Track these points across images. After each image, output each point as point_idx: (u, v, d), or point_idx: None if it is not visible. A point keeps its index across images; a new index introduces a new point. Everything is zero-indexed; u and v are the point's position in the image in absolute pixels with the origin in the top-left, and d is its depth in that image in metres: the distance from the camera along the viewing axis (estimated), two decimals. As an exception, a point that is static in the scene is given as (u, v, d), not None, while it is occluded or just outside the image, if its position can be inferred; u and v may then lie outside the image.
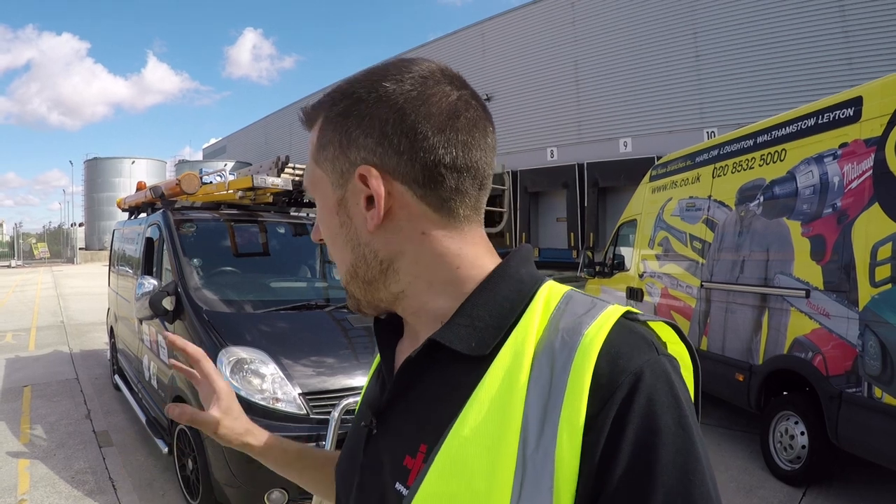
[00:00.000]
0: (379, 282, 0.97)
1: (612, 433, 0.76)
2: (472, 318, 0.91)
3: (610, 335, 0.81)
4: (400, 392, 0.98)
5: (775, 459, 6.37)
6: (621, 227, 10.92)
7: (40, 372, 11.06)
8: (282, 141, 54.49)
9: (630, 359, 0.79)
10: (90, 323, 16.89)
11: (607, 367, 0.78)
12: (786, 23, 22.14)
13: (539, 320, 0.88)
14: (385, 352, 1.09)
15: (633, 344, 0.82)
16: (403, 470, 0.90)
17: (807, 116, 6.23)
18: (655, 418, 0.76)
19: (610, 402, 0.77)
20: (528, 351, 0.84)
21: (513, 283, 0.95)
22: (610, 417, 0.76)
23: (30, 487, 6.03)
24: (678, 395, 0.79)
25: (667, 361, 0.82)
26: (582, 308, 0.87)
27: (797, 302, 6.05)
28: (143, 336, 7.03)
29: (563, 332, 0.84)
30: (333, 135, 0.95)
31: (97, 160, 65.62)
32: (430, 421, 0.89)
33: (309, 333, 5.60)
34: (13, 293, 26.94)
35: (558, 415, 0.77)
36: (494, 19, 34.97)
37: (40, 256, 57.78)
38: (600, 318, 0.84)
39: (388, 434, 0.98)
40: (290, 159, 7.14)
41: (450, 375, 0.91)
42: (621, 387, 0.77)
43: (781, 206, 6.39)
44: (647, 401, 0.76)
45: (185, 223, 6.69)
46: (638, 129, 27.02)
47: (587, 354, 0.79)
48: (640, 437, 0.75)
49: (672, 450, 0.75)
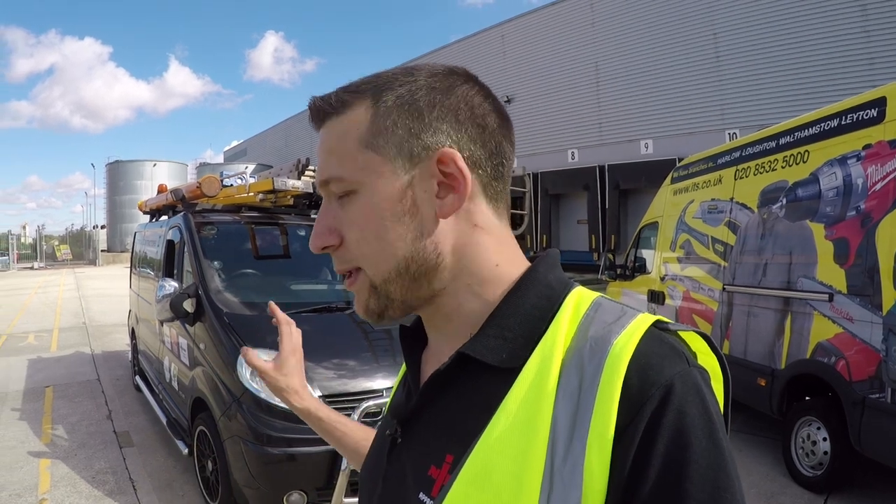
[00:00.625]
0: (427, 277, 0.93)
1: (642, 446, 0.74)
2: (501, 329, 0.90)
3: (640, 345, 0.80)
4: (426, 402, 0.97)
5: (797, 465, 6.30)
6: (643, 230, 10.87)
7: (62, 373, 11.19)
8: (302, 143, 54.75)
9: (661, 370, 0.78)
10: (112, 324, 17.03)
11: (637, 378, 0.77)
12: (806, 23, 22.01)
13: (567, 328, 0.87)
14: (410, 360, 1.08)
15: (663, 355, 0.80)
16: (428, 480, 0.89)
17: (830, 117, 6.16)
18: (686, 432, 0.74)
19: (640, 414, 0.75)
20: (556, 360, 0.83)
21: (542, 289, 0.94)
22: (640, 430, 0.75)
23: (51, 487, 6.10)
24: (709, 408, 0.77)
25: (697, 373, 0.81)
26: (612, 316, 0.86)
27: (820, 306, 5.98)
28: (164, 338, 7.08)
29: (592, 340, 0.82)
30: (399, 118, 0.91)
31: (119, 163, 66.14)
32: (456, 431, 0.89)
33: (329, 336, 5.60)
34: (36, 294, 27.30)
35: (588, 426, 0.76)
36: (514, 21, 34.97)
37: (62, 258, 58.44)
38: (630, 327, 0.83)
39: (413, 443, 0.97)
40: (311, 162, 7.15)
41: (479, 387, 0.90)
42: (651, 399, 0.76)
43: (804, 208, 6.32)
44: (677, 414, 0.75)
45: (205, 226, 6.73)
46: (659, 131, 26.94)
47: (617, 365, 0.78)
48: (671, 451, 0.74)
49: (703, 464, 0.73)
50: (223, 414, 5.02)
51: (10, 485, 6.13)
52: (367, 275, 0.94)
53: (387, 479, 1.00)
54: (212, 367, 5.41)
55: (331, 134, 0.94)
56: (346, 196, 0.93)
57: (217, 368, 5.31)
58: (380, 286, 0.94)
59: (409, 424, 0.99)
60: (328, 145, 0.94)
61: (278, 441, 4.64)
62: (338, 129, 0.93)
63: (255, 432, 4.69)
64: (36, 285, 32.42)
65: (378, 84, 0.93)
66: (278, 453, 4.63)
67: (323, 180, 0.94)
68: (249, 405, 4.83)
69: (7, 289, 30.71)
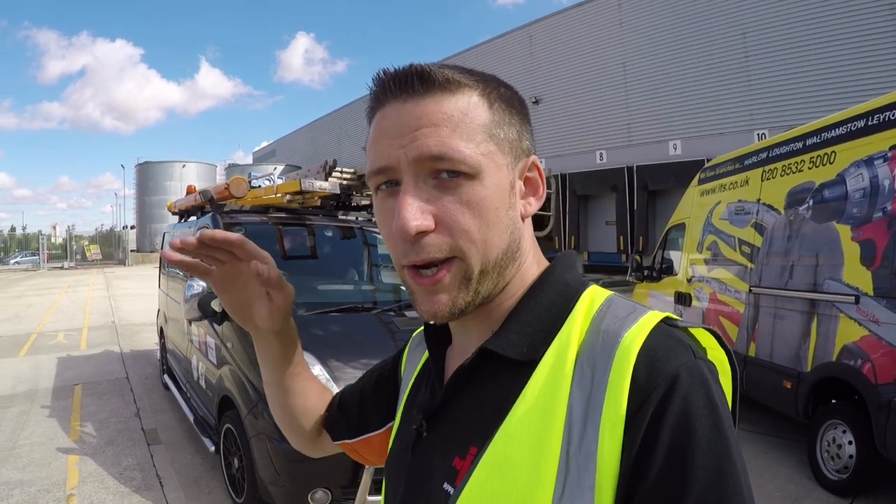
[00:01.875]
0: (509, 272, 0.96)
1: (648, 433, 0.77)
2: (522, 325, 0.94)
3: (649, 338, 0.83)
4: (451, 397, 1.01)
5: (822, 469, 6.24)
6: (670, 231, 10.80)
7: (91, 371, 11.33)
8: (330, 145, 55.00)
9: (667, 361, 0.81)
10: (140, 324, 17.19)
11: (645, 368, 0.80)
12: (835, 22, 21.77)
13: (581, 322, 0.91)
14: (435, 356, 1.11)
15: (670, 347, 0.83)
16: (452, 471, 0.93)
17: (856, 118, 6.10)
18: (691, 419, 0.77)
19: (647, 402, 0.78)
20: (571, 352, 0.87)
21: (559, 287, 0.98)
22: (647, 417, 0.78)
23: (79, 482, 6.19)
24: (714, 398, 0.80)
25: (704, 365, 0.83)
26: (623, 311, 0.90)
27: (846, 308, 5.93)
28: (192, 337, 7.16)
29: (605, 333, 0.86)
30: (509, 117, 0.94)
31: (148, 164, 66.63)
32: (479, 424, 0.92)
33: (356, 336, 5.64)
34: (65, 294, 27.63)
35: (600, 414, 0.80)
36: (542, 21, 34.85)
37: (92, 258, 58.99)
38: (641, 322, 0.86)
39: (439, 436, 1.00)
40: (338, 163, 7.18)
41: (501, 381, 0.93)
42: (658, 388, 0.79)
43: (831, 209, 6.26)
44: (682, 402, 0.78)
45: (233, 226, 6.76)
46: (687, 132, 26.75)
47: (627, 355, 0.81)
48: (676, 438, 0.76)
49: (707, 451, 0.76)
50: (249, 412, 5.07)
51: (39, 480, 6.22)
52: (467, 265, 0.90)
53: (412, 472, 1.04)
54: (239, 365, 5.46)
55: (446, 108, 0.89)
56: (458, 177, 0.88)
57: (244, 367, 5.36)
58: (475, 279, 0.91)
59: (434, 419, 1.02)
60: (445, 120, 0.88)
61: (303, 439, 4.67)
62: (457, 106, 0.90)
63: (280, 430, 4.73)
64: (66, 285, 32.81)
65: (477, 78, 0.94)
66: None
67: (436, 156, 0.87)
68: (275, 404, 4.87)
69: (37, 288, 31.18)
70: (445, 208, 0.88)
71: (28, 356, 12.84)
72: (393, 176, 0.91)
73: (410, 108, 0.89)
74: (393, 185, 0.92)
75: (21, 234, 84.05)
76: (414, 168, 0.88)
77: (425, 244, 0.88)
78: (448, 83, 0.90)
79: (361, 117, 1.02)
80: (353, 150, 44.83)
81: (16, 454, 6.95)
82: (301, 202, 7.33)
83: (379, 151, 0.92)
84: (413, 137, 0.88)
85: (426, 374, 1.17)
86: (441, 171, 0.88)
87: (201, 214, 7.91)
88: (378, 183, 0.95)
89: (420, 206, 0.88)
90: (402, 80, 0.90)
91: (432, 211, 0.88)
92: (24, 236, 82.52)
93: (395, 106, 0.91)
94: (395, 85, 0.91)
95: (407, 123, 0.89)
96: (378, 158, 0.92)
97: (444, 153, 0.87)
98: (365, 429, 1.38)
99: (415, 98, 0.89)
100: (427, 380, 1.15)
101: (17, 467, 6.56)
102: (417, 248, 0.89)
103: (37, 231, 55.66)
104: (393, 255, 0.94)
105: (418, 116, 0.88)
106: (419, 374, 1.22)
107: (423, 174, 0.89)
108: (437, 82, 0.89)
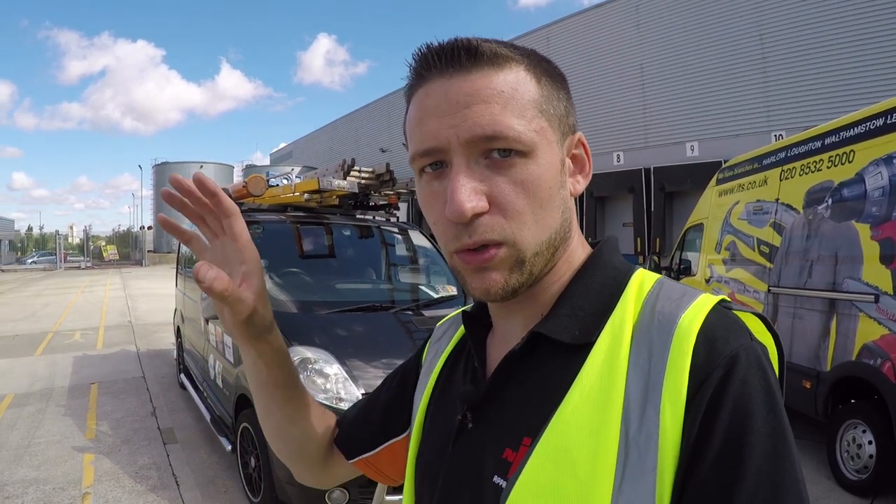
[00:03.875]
0: (559, 252, 0.94)
1: (709, 412, 0.76)
2: (573, 308, 0.92)
3: (707, 319, 0.82)
4: (499, 385, 0.96)
5: (842, 469, 6.20)
6: (688, 232, 10.79)
7: (107, 370, 11.40)
8: (347, 146, 55.00)
9: (727, 342, 0.80)
10: (157, 323, 17.28)
11: (704, 349, 0.79)
12: (852, 23, 21.59)
13: (634, 304, 0.89)
14: (476, 345, 1.07)
15: (729, 328, 0.82)
16: (503, 463, 0.89)
17: (875, 116, 6.06)
18: (749, 401, 0.77)
19: (706, 383, 0.77)
20: (626, 335, 0.85)
21: (608, 271, 0.97)
22: (706, 398, 0.77)
23: (94, 481, 6.22)
24: (769, 380, 0.80)
25: (759, 347, 0.83)
26: (676, 293, 0.89)
27: (866, 307, 5.90)
28: (209, 336, 7.18)
29: (660, 314, 0.85)
30: (556, 92, 0.93)
31: (166, 164, 67.01)
32: (532, 414, 0.88)
33: (374, 334, 5.63)
34: (82, 293, 27.88)
35: (660, 395, 0.78)
36: (559, 23, 34.81)
37: (109, 258, 59.50)
38: (697, 303, 0.85)
39: (487, 427, 0.96)
40: (356, 163, 7.19)
41: (553, 367, 0.90)
42: (717, 368, 0.78)
43: (850, 208, 6.23)
44: (741, 384, 0.77)
45: (251, 225, 6.78)
46: (705, 133, 26.60)
47: (687, 336, 0.80)
48: (735, 418, 0.76)
49: (764, 433, 0.76)
50: (267, 410, 5.07)
51: (55, 478, 6.25)
52: (520, 248, 0.87)
53: (454, 466, 0.98)
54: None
55: (496, 84, 0.86)
56: (511, 156, 0.85)
57: (262, 365, 5.35)
58: (529, 259, 0.88)
59: (480, 409, 0.98)
60: (496, 96, 0.85)
61: (320, 437, 4.67)
62: (507, 81, 0.86)
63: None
64: (82, 284, 33.09)
65: (521, 52, 0.91)
66: (320, 450, 4.65)
67: (489, 135, 0.84)
68: (293, 402, 4.87)
69: (54, 287, 31.46)
70: (499, 189, 0.85)
71: (44, 355, 12.94)
72: (441, 157, 0.88)
73: (458, 83, 0.86)
74: (438, 167, 0.89)
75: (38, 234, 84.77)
76: (466, 149, 0.85)
77: (478, 225, 0.85)
78: (496, 57, 0.87)
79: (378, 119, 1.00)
80: (371, 151, 44.83)
81: (31, 452, 6.98)
82: (319, 201, 7.35)
83: (425, 131, 0.88)
84: (464, 116, 0.84)
85: (455, 365, 1.13)
86: (493, 150, 0.85)
87: (219, 213, 7.93)
88: (423, 165, 0.91)
89: (474, 188, 0.84)
90: (448, 55, 0.87)
91: (486, 192, 0.85)
92: (42, 236, 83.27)
93: (441, 82, 0.87)
94: (439, 60, 0.87)
95: (455, 100, 0.85)
96: (425, 139, 0.88)
97: (498, 132, 0.83)
98: (389, 433, 1.28)
99: (462, 73, 0.86)
100: (463, 370, 1.11)
101: (33, 465, 6.59)
102: (471, 230, 0.85)
103: (54, 231, 56.14)
104: (443, 240, 0.91)
105: (467, 93, 0.85)
106: (444, 365, 1.17)
107: (476, 154, 0.86)
108: (485, 56, 0.86)
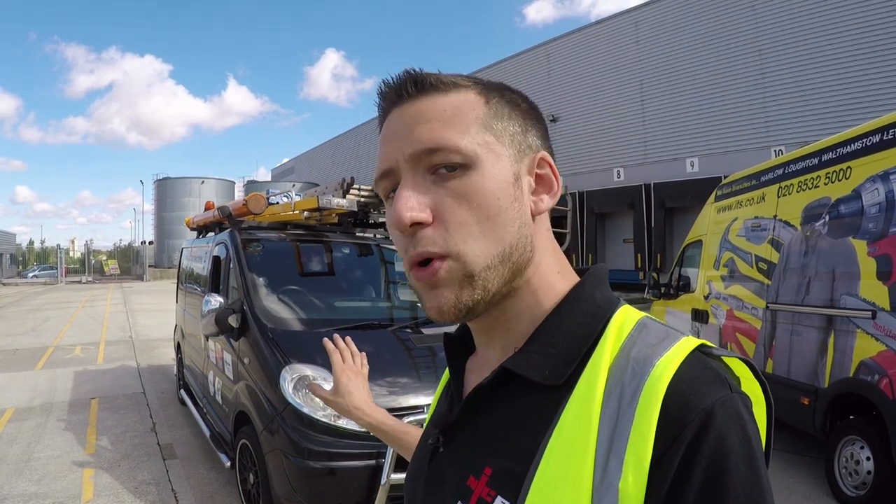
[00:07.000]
0: (519, 270, 0.92)
1: (680, 472, 0.73)
2: (545, 346, 0.90)
3: (681, 368, 0.78)
4: (468, 414, 0.97)
5: (840, 485, 6.19)
6: (687, 248, 10.79)
7: (108, 385, 11.41)
8: (348, 162, 55.22)
9: (702, 395, 0.76)
10: (158, 339, 17.31)
11: (677, 402, 0.76)
12: (851, 39, 21.74)
13: (612, 347, 0.85)
14: (454, 367, 1.08)
15: (705, 379, 0.78)
16: (466, 490, 0.89)
17: (871, 133, 6.09)
18: (726, 459, 0.73)
19: (679, 439, 0.74)
20: (600, 382, 0.82)
21: (588, 307, 0.93)
22: (678, 456, 0.73)
23: (94, 496, 6.21)
24: (749, 436, 0.76)
25: (739, 400, 0.79)
26: (655, 338, 0.85)
27: (863, 323, 5.90)
28: (209, 352, 7.19)
29: (634, 361, 0.81)
30: (509, 111, 0.94)
31: (167, 180, 67.24)
32: (497, 445, 0.89)
33: (373, 353, 5.63)
34: (83, 308, 27.91)
35: (625, 447, 0.75)
36: (559, 40, 35.06)
37: (110, 273, 59.58)
38: (673, 350, 0.81)
39: (454, 453, 0.97)
40: (356, 180, 7.21)
41: (522, 403, 0.89)
42: (691, 424, 0.74)
43: (847, 225, 6.25)
44: (717, 440, 0.74)
45: (251, 242, 6.81)
46: (704, 149, 26.74)
47: (656, 387, 0.76)
48: (709, 478, 0.72)
49: (742, 492, 0.72)
50: (265, 428, 5.08)
51: (54, 493, 6.25)
52: (466, 261, 0.87)
53: (427, 486, 1.02)
54: (255, 381, 5.47)
55: (439, 105, 0.90)
56: (456, 170, 0.87)
57: (260, 383, 5.37)
58: (479, 274, 0.87)
59: (450, 434, 0.99)
60: (438, 115, 0.89)
61: (319, 455, 4.66)
62: (450, 103, 0.90)
63: (296, 446, 4.72)
64: (83, 299, 33.14)
65: (478, 81, 0.95)
66: (319, 467, 4.64)
67: (429, 149, 0.87)
68: (291, 419, 4.86)
69: (55, 302, 31.51)
70: (442, 201, 0.87)
71: (45, 369, 12.95)
72: (395, 178, 0.92)
73: (406, 109, 0.91)
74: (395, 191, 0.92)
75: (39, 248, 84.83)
76: (411, 164, 0.89)
77: (421, 237, 0.87)
78: (441, 84, 0.91)
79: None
80: (372, 167, 44.71)
81: (31, 467, 6.99)
82: (318, 219, 7.38)
83: (381, 157, 0.94)
84: (408, 135, 0.89)
85: (448, 387, 1.13)
86: (439, 167, 0.88)
87: (219, 230, 7.97)
88: (386, 191, 0.95)
89: (417, 199, 0.87)
90: (398, 87, 0.93)
91: (429, 204, 0.87)
92: (43, 250, 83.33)
93: (396, 112, 0.93)
94: (392, 92, 0.94)
95: (404, 123, 0.90)
96: (381, 163, 0.93)
97: (439, 144, 0.87)
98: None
99: (410, 101, 0.91)
100: (447, 391, 1.13)
101: (33, 480, 6.59)
102: (415, 241, 0.88)
103: (55, 245, 56.29)
104: (401, 257, 0.92)
105: (413, 115, 0.90)
106: (444, 386, 1.20)
107: (422, 170, 0.89)
108: (429, 84, 0.91)
